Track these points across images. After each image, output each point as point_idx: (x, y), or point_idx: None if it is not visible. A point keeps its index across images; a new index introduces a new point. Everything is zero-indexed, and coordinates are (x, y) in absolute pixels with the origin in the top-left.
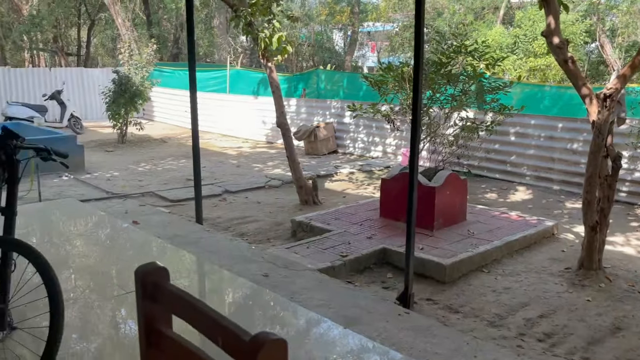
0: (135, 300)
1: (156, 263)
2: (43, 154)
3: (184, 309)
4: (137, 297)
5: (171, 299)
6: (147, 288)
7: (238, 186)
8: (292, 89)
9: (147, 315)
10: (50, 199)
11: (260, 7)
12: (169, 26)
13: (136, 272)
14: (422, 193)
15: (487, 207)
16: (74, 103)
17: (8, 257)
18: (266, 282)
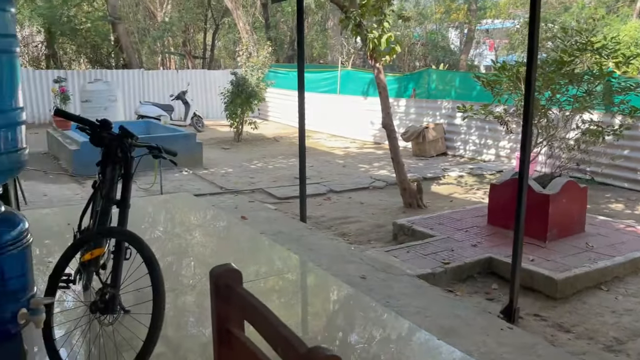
0: None
1: (231, 265)
2: (154, 152)
3: (251, 313)
4: (211, 296)
5: (241, 302)
6: (220, 289)
7: (343, 186)
8: (401, 89)
9: (220, 315)
10: (170, 192)
11: (371, 8)
12: (285, 29)
13: (211, 273)
14: (535, 201)
15: (611, 219)
16: (196, 103)
17: (121, 246)
18: (362, 284)
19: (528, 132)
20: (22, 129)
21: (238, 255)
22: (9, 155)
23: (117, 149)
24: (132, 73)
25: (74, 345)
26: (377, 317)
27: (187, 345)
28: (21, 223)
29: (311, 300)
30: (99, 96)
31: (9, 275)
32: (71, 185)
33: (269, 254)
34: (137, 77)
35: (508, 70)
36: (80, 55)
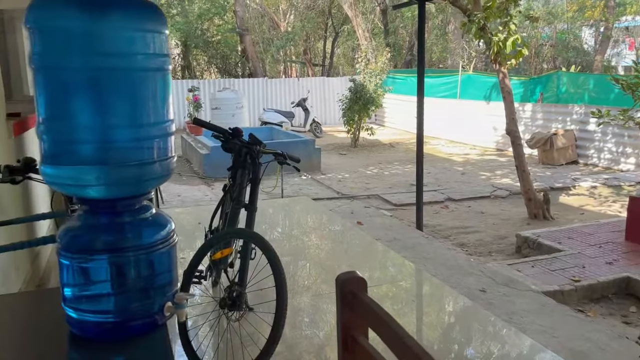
0: None
1: (355, 273)
2: (280, 159)
3: (376, 321)
4: (337, 302)
5: (366, 310)
6: (346, 296)
7: (461, 194)
8: (528, 93)
9: (345, 322)
10: (290, 195)
11: (496, 10)
12: (404, 34)
13: (337, 280)
14: None
15: None
16: (315, 109)
17: (248, 247)
18: (482, 297)
19: None
20: (172, 139)
21: (352, 260)
22: (162, 163)
23: (247, 156)
24: (256, 81)
25: (204, 338)
26: (496, 332)
27: (302, 346)
28: (169, 224)
29: (426, 310)
30: (227, 104)
31: (158, 271)
32: (201, 187)
33: (383, 260)
34: (261, 85)
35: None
36: (210, 65)
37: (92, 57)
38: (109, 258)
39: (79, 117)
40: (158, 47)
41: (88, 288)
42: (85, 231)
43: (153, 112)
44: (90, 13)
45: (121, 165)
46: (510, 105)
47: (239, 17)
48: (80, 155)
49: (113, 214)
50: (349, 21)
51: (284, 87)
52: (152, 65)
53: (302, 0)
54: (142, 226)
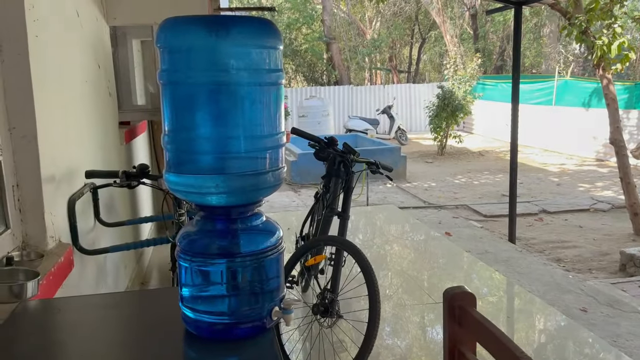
0: (441, 311)
1: (464, 287)
2: (372, 168)
3: (487, 338)
4: (444, 316)
5: (476, 326)
6: (454, 311)
7: (557, 206)
8: (633, 100)
9: (452, 336)
10: (375, 203)
11: (599, 12)
12: (495, 39)
13: (445, 294)
14: None
15: None
16: (401, 116)
17: (341, 254)
18: (583, 317)
19: None
20: (282, 150)
21: (439, 271)
22: (274, 173)
23: (340, 164)
24: (342, 89)
25: (296, 343)
26: (597, 354)
27: (383, 356)
28: (277, 231)
29: (521, 327)
30: (314, 111)
31: (267, 277)
32: (289, 193)
33: (472, 273)
34: (347, 92)
35: None
36: (298, 73)
37: (214, 73)
38: (224, 262)
39: (201, 129)
40: (273, 62)
41: (205, 289)
42: (202, 236)
43: (267, 124)
44: (216, 33)
45: (238, 174)
46: (615, 112)
47: (326, 25)
48: (201, 164)
49: (228, 220)
50: (436, 27)
51: (369, 94)
52: (268, 80)
53: (388, 8)
54: (254, 233)
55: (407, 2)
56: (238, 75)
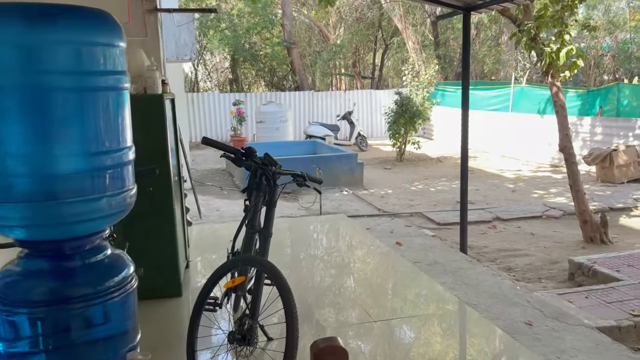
0: (380, 329)
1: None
2: (299, 180)
3: None
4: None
5: None
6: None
7: (511, 213)
8: (586, 107)
9: None
10: (329, 211)
11: (549, 19)
12: (455, 45)
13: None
14: None
15: None
16: (361, 122)
17: (260, 276)
18: (527, 332)
19: None
20: (128, 168)
21: (384, 286)
22: (114, 197)
23: (262, 177)
24: (302, 94)
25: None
26: None
27: None
28: (126, 267)
29: (460, 347)
30: (272, 117)
31: (109, 323)
32: (240, 202)
33: (418, 287)
34: (308, 98)
35: None
36: (258, 78)
37: (28, 74)
38: (45, 310)
39: (8, 145)
40: (111, 62)
41: (14, 346)
42: (20, 277)
43: (103, 138)
44: (30, 21)
45: (58, 202)
46: (564, 120)
47: (286, 30)
48: (5, 190)
49: (55, 257)
50: (399, 33)
51: (331, 100)
52: (102, 84)
53: (350, 13)
54: (91, 271)
55: (369, 8)
56: (58, 77)
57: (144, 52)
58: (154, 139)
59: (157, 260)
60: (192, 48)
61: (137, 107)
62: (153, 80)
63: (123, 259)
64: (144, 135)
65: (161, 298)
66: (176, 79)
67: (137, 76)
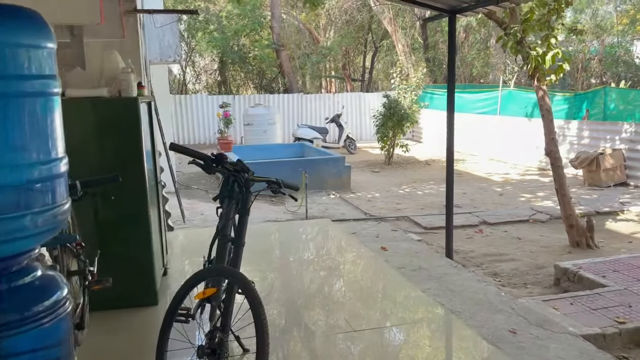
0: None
1: None
2: (273, 187)
3: None
4: None
5: None
6: None
7: (498, 217)
8: (573, 110)
9: None
10: (316, 215)
11: (535, 22)
12: (444, 48)
13: None
14: None
15: None
16: (350, 125)
17: (232, 287)
18: (511, 340)
19: None
20: (59, 182)
21: (364, 294)
22: (41, 214)
23: (234, 184)
24: (291, 97)
25: None
26: None
27: None
28: (59, 290)
29: (441, 358)
30: (260, 120)
31: (34, 354)
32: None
33: (400, 295)
34: (296, 101)
35: None
36: (247, 81)
37: None
38: None
39: None
40: (37, 65)
41: None
42: None
43: (28, 149)
44: None
45: None
46: (550, 124)
47: (275, 32)
48: None
49: None
50: (389, 36)
51: (319, 102)
52: (27, 89)
53: (340, 16)
54: (17, 295)
55: (359, 11)
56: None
57: (119, 54)
58: (128, 143)
59: (131, 268)
60: (177, 50)
61: (111, 110)
62: (128, 83)
63: (56, 281)
64: (118, 138)
65: (136, 307)
66: (161, 81)
67: (111, 78)
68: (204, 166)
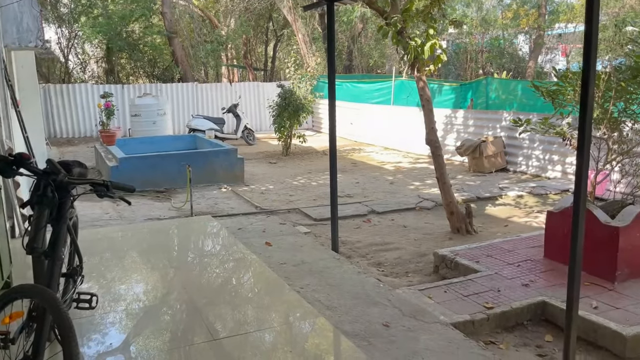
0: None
1: None
2: (99, 189)
3: None
4: None
5: None
6: None
7: (386, 206)
8: (459, 100)
9: None
10: (204, 211)
11: (420, 13)
12: (343, 39)
13: None
14: (601, 234)
15: None
16: (249, 116)
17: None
18: (384, 334)
19: (585, 154)
20: None
21: (230, 296)
22: None
23: (46, 188)
24: (185, 86)
25: None
26: None
27: None
28: None
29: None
30: (148, 110)
31: None
32: (104, 204)
33: (272, 297)
34: (191, 90)
35: (572, 78)
36: (138, 69)
37: None
38: None
39: None
40: None
41: None
42: None
43: None
44: None
45: None
46: (430, 114)
47: (167, 19)
48: None
49: None
50: (289, 25)
51: (216, 92)
52: None
53: (239, 3)
54: None
55: None
56: None
57: None
58: None
59: None
60: (39, 34)
61: None
62: None
63: None
64: None
65: None
66: (27, 69)
67: None
68: None
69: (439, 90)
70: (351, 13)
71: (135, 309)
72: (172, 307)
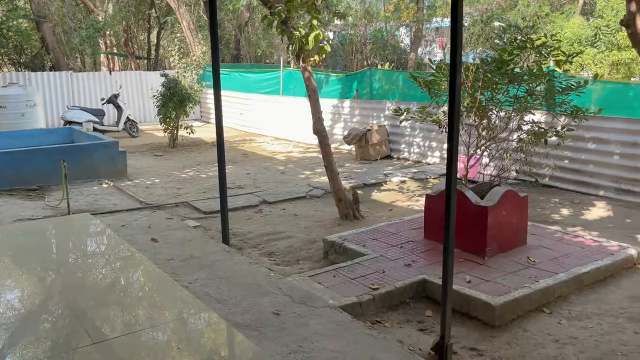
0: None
1: None
2: None
3: None
4: None
5: None
6: None
7: (277, 196)
8: (346, 90)
9: None
10: (83, 209)
11: (304, 4)
12: (230, 27)
13: None
14: (472, 213)
15: (555, 227)
16: (132, 106)
17: None
18: (274, 323)
19: (454, 140)
20: None
21: (115, 296)
22: None
23: None
24: (58, 75)
25: None
26: None
27: None
28: None
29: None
30: (15, 102)
31: None
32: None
33: (157, 294)
34: (65, 79)
35: (445, 69)
36: (2, 56)
37: None
38: None
39: None
40: None
41: None
42: None
43: None
44: None
45: None
46: (316, 104)
47: (34, 2)
48: None
49: None
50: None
51: (94, 81)
52: None
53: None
54: None
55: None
56: None
57: None
58: None
59: None
60: None
61: None
62: None
63: None
64: None
65: None
66: None
67: None
68: None
69: (326, 81)
70: (237, 1)
71: (10, 318)
72: (52, 313)
